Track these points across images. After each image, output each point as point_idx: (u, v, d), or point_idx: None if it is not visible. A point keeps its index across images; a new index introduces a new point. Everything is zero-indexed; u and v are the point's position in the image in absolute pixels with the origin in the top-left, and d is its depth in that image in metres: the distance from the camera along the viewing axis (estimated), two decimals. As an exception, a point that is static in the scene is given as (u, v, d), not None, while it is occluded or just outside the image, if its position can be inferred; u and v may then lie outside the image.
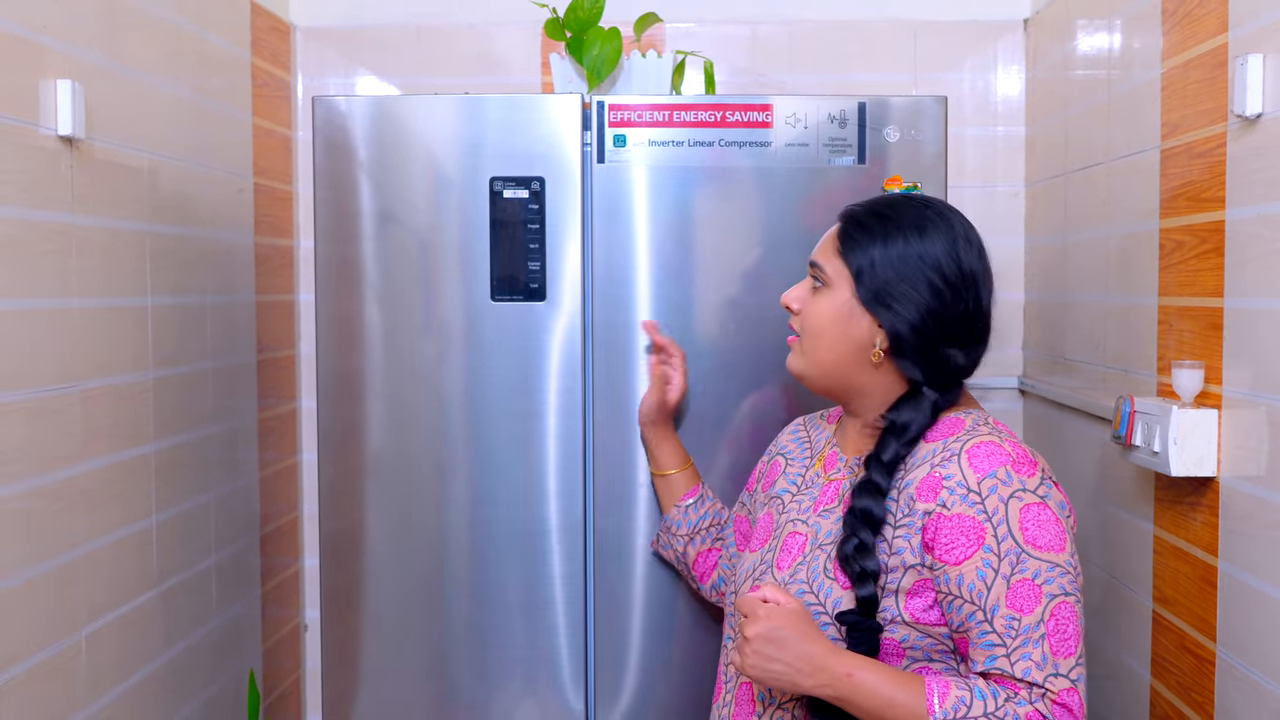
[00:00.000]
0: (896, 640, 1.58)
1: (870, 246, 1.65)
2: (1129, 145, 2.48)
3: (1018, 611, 1.49)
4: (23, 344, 1.98)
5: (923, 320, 1.62)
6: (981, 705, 1.47)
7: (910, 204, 1.70)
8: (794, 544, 1.69)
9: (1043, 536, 1.52)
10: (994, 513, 1.52)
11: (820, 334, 1.68)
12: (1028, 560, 1.50)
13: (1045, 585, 1.50)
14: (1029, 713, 1.46)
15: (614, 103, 2.32)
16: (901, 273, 1.63)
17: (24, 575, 1.99)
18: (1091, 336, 2.70)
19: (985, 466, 1.55)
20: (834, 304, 1.67)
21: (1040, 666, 1.47)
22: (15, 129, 1.96)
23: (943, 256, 1.64)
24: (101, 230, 2.23)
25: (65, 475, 2.11)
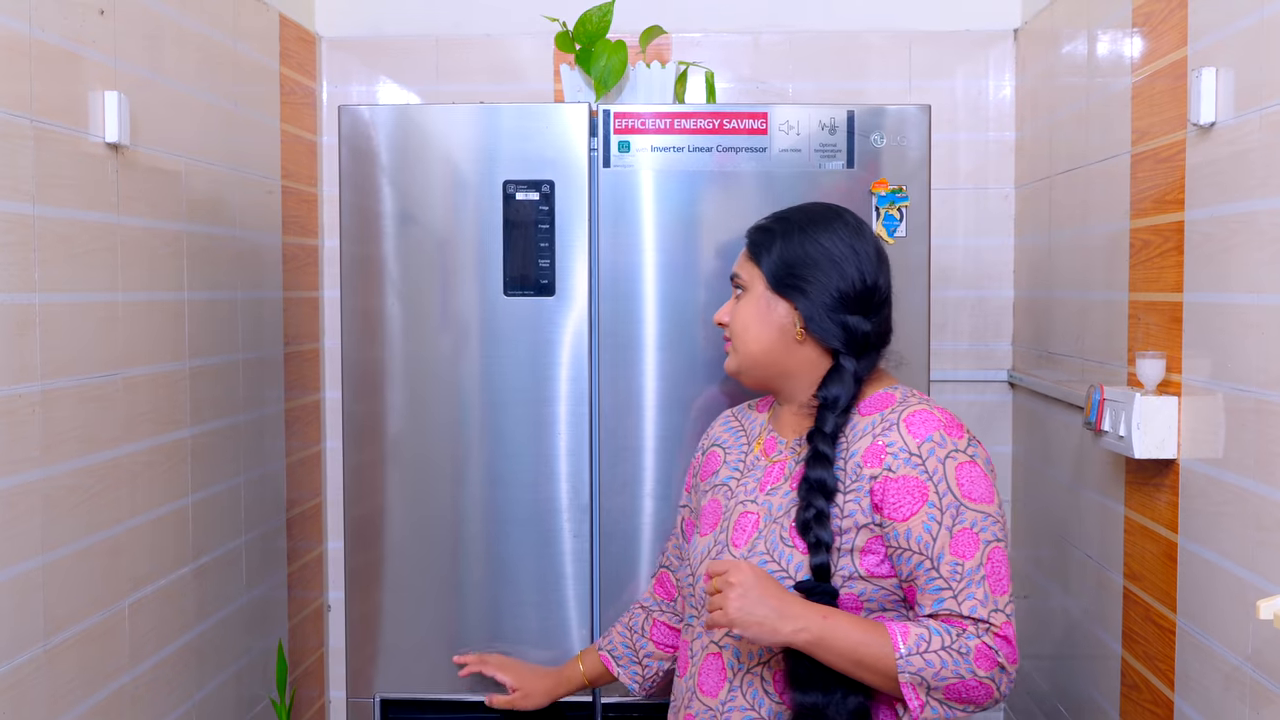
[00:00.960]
0: (855, 594, 1.76)
1: (773, 245, 1.90)
2: (1105, 150, 2.63)
3: (960, 557, 1.70)
4: (74, 334, 2.16)
5: (829, 295, 1.85)
6: (939, 640, 1.67)
7: (804, 206, 1.97)
8: (747, 523, 1.86)
9: (976, 490, 1.74)
10: (934, 472, 1.73)
11: (747, 329, 1.90)
12: (965, 512, 1.72)
13: (981, 533, 1.71)
14: (978, 644, 1.67)
15: (619, 111, 2.48)
16: (802, 258, 1.87)
17: (75, 546, 2.16)
18: (1072, 331, 2.86)
19: (922, 432, 1.76)
20: (754, 302, 1.90)
21: (984, 604, 1.69)
22: (67, 137, 2.14)
23: (835, 240, 1.87)
24: (143, 230, 2.40)
25: (110, 456, 2.29)
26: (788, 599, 1.71)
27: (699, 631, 1.90)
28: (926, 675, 1.66)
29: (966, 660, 1.66)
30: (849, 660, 1.70)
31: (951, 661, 1.66)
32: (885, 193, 2.49)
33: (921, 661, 1.66)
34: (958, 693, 1.66)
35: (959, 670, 1.66)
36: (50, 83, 2.09)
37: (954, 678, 1.66)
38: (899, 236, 2.49)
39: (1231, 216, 2.02)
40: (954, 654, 1.66)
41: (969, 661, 1.66)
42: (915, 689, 1.66)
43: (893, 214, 2.49)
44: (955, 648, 1.67)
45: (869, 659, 1.69)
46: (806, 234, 1.88)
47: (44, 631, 2.07)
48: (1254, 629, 1.94)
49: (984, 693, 1.67)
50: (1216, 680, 2.08)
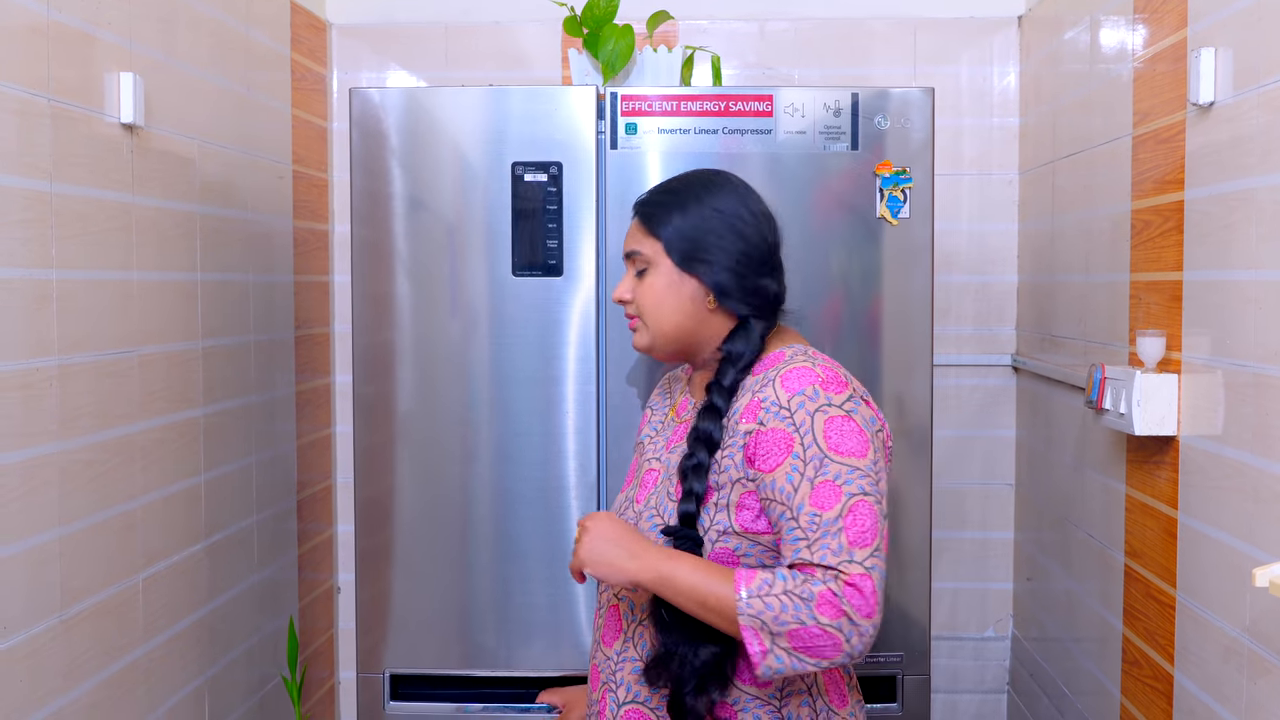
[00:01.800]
0: (730, 549, 1.77)
1: (670, 218, 1.85)
2: (1107, 133, 2.66)
3: (819, 508, 1.66)
4: (90, 310, 2.19)
5: (735, 263, 1.83)
6: (782, 584, 1.63)
7: (690, 175, 1.93)
8: (649, 480, 1.90)
9: (845, 444, 1.69)
10: (801, 424, 1.71)
11: (659, 308, 1.86)
12: (829, 464, 1.68)
13: (845, 485, 1.66)
14: (822, 590, 1.61)
15: (626, 93, 2.51)
16: (705, 229, 1.84)
17: (91, 520, 2.20)
18: (1075, 313, 2.88)
19: (795, 386, 1.75)
20: (660, 279, 1.86)
21: (836, 554, 1.63)
22: (83, 117, 2.18)
23: (731, 204, 1.86)
24: (156, 210, 2.44)
25: (125, 432, 2.32)
26: (641, 543, 1.74)
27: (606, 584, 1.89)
28: (766, 619, 1.61)
29: (808, 606, 1.60)
30: (694, 601, 1.69)
31: (793, 606, 1.61)
32: (889, 174, 2.51)
33: (761, 604, 1.62)
34: (801, 640, 1.61)
35: (800, 616, 1.60)
36: (67, 63, 2.12)
37: (795, 623, 1.60)
38: (902, 218, 2.52)
39: (1230, 194, 2.04)
40: (795, 598, 1.61)
41: (810, 607, 1.60)
42: (756, 633, 1.62)
43: (896, 195, 2.52)
44: (798, 592, 1.62)
45: (713, 600, 1.67)
46: (703, 202, 1.85)
47: (61, 602, 2.11)
48: (1251, 600, 1.97)
49: (829, 643, 1.60)
50: (1215, 652, 2.11)
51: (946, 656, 3.49)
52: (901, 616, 2.55)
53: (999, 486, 3.48)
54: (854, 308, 2.55)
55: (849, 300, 2.54)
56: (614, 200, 2.51)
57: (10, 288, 1.96)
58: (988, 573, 3.49)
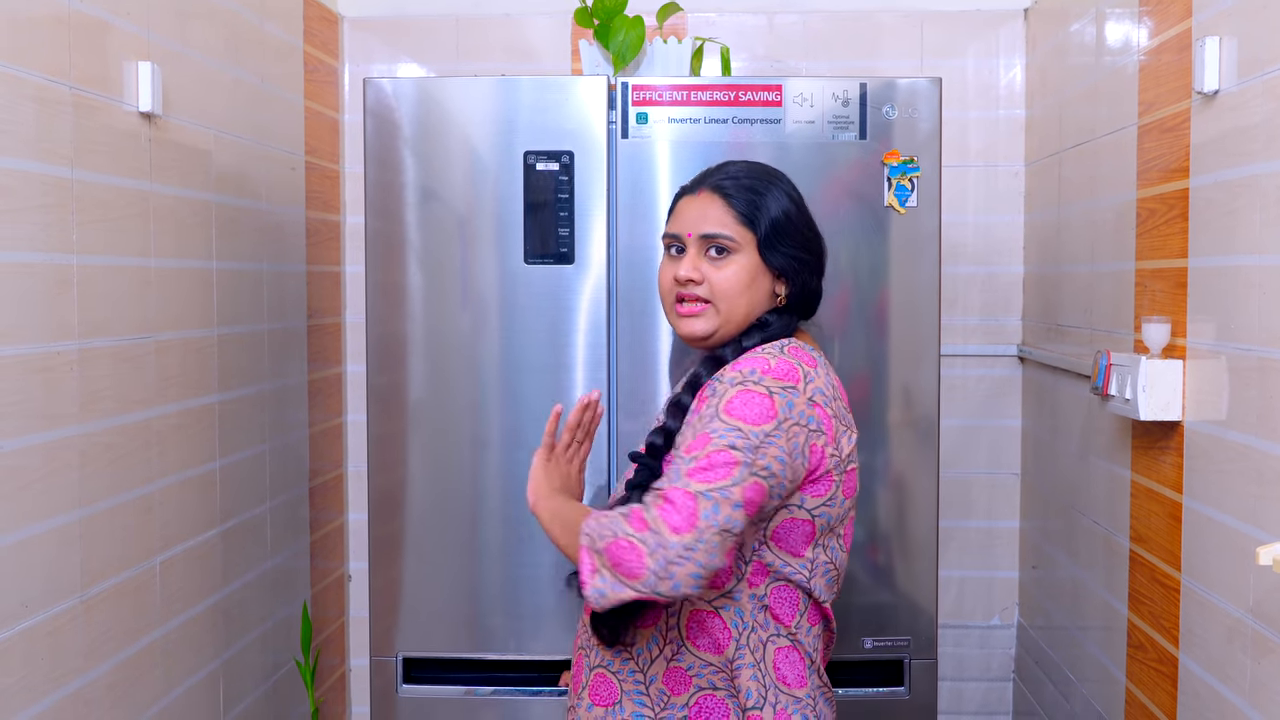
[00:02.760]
0: None
1: (762, 208, 1.87)
2: (1112, 123, 2.69)
3: (685, 453, 1.67)
4: (110, 296, 2.23)
5: (805, 262, 1.90)
6: (620, 509, 1.66)
7: (758, 166, 1.94)
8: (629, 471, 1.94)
9: (745, 411, 1.69)
10: (719, 393, 1.75)
11: (736, 295, 1.85)
12: (715, 422, 1.69)
13: (717, 437, 1.66)
14: (636, 506, 1.64)
15: (637, 83, 2.54)
16: (791, 227, 1.88)
17: (110, 502, 2.23)
18: (1081, 303, 2.91)
19: (737, 367, 1.80)
20: (744, 267, 1.86)
21: (670, 480, 1.64)
22: (104, 105, 2.21)
23: (800, 208, 1.91)
24: (173, 198, 2.47)
25: (142, 417, 2.36)
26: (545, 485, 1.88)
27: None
28: (593, 535, 1.63)
29: (624, 520, 1.61)
30: (558, 526, 1.79)
31: (610, 522, 1.62)
32: (897, 163, 2.54)
33: (595, 524, 1.65)
34: (613, 556, 1.59)
35: (615, 529, 1.61)
36: (87, 51, 2.16)
37: (610, 536, 1.60)
38: (910, 206, 2.55)
39: (1235, 181, 2.07)
40: (616, 517, 1.63)
41: (623, 521, 1.61)
42: (586, 551, 1.64)
43: (904, 184, 2.55)
44: (620, 512, 1.65)
45: (570, 525, 1.74)
46: (786, 199, 1.89)
47: (81, 583, 2.14)
48: (1255, 580, 2.00)
49: (634, 556, 1.57)
50: (1219, 634, 2.13)
51: (953, 645, 3.52)
52: (909, 604, 2.58)
53: (1005, 476, 3.51)
54: (861, 297, 2.58)
55: (856, 290, 2.57)
56: (625, 189, 2.54)
57: (32, 272, 1.99)
58: (994, 561, 3.51)
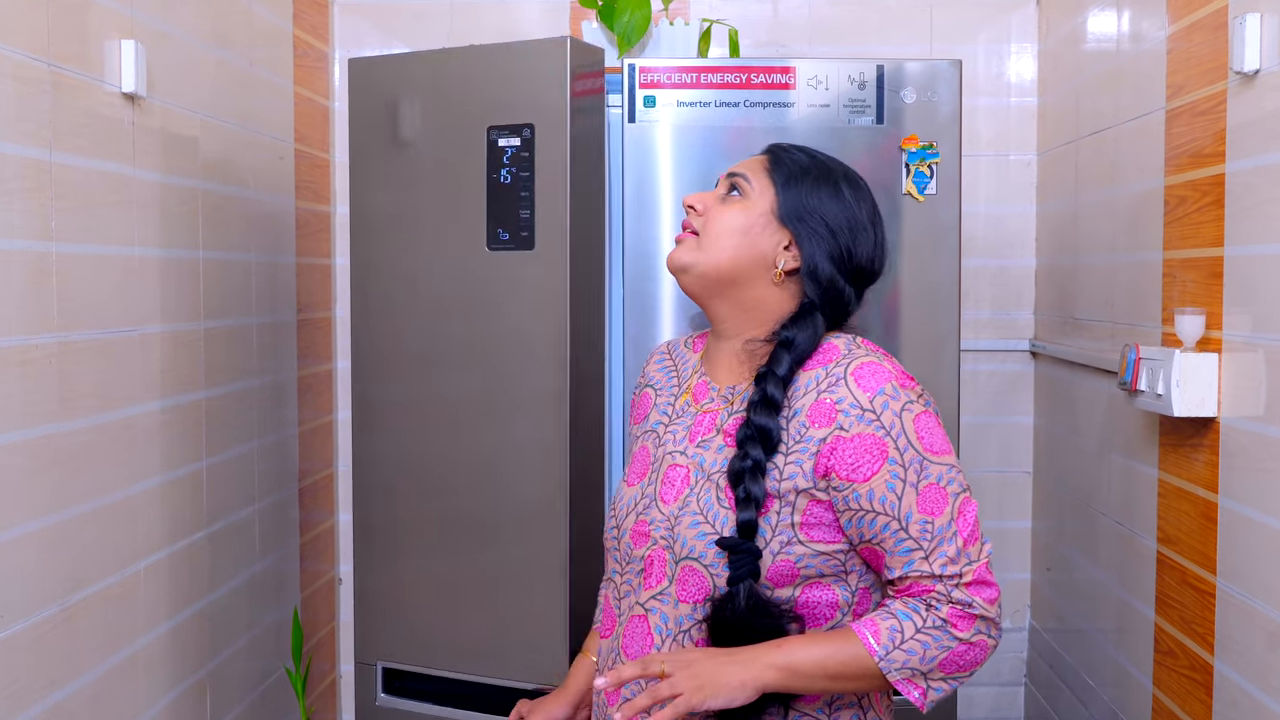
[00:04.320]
0: (791, 560, 1.62)
1: (802, 177, 1.71)
2: (1136, 109, 2.59)
3: (930, 515, 1.58)
4: (91, 287, 2.11)
5: (836, 252, 1.69)
6: (911, 624, 1.56)
7: (840, 162, 1.78)
8: (676, 476, 1.71)
9: (936, 442, 1.61)
10: (891, 427, 1.59)
11: (723, 236, 1.70)
12: (929, 466, 1.59)
13: (948, 486, 1.59)
14: (949, 610, 1.56)
15: (644, 65, 2.43)
16: (828, 207, 1.70)
17: (91, 504, 2.11)
18: (1101, 295, 2.81)
19: (873, 385, 1.61)
20: (749, 213, 1.70)
21: (955, 560, 1.57)
22: (84, 84, 2.09)
23: (860, 207, 1.72)
24: (158, 184, 2.35)
25: (126, 414, 2.23)
26: (732, 651, 1.59)
27: (625, 590, 1.74)
28: (915, 665, 1.56)
29: (946, 632, 1.56)
30: (825, 676, 1.58)
31: (933, 640, 1.56)
32: (915, 149, 2.44)
33: (903, 655, 1.56)
34: (953, 664, 1.57)
35: (942, 643, 1.56)
36: (68, 27, 2.04)
37: (941, 653, 1.56)
38: (929, 194, 2.45)
39: (1276, 166, 1.97)
40: (931, 633, 1.56)
41: (948, 632, 1.56)
42: (911, 682, 1.57)
43: (923, 170, 2.45)
44: (930, 626, 1.57)
45: (845, 670, 1.58)
46: (842, 189, 1.71)
47: (62, 590, 2.02)
48: (1302, 585, 1.90)
49: (977, 651, 1.58)
50: (1259, 640, 2.03)
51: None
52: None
53: (1016, 474, 3.41)
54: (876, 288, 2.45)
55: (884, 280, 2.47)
56: (632, 175, 2.43)
57: (7, 260, 1.87)
58: (1004, 563, 3.41)
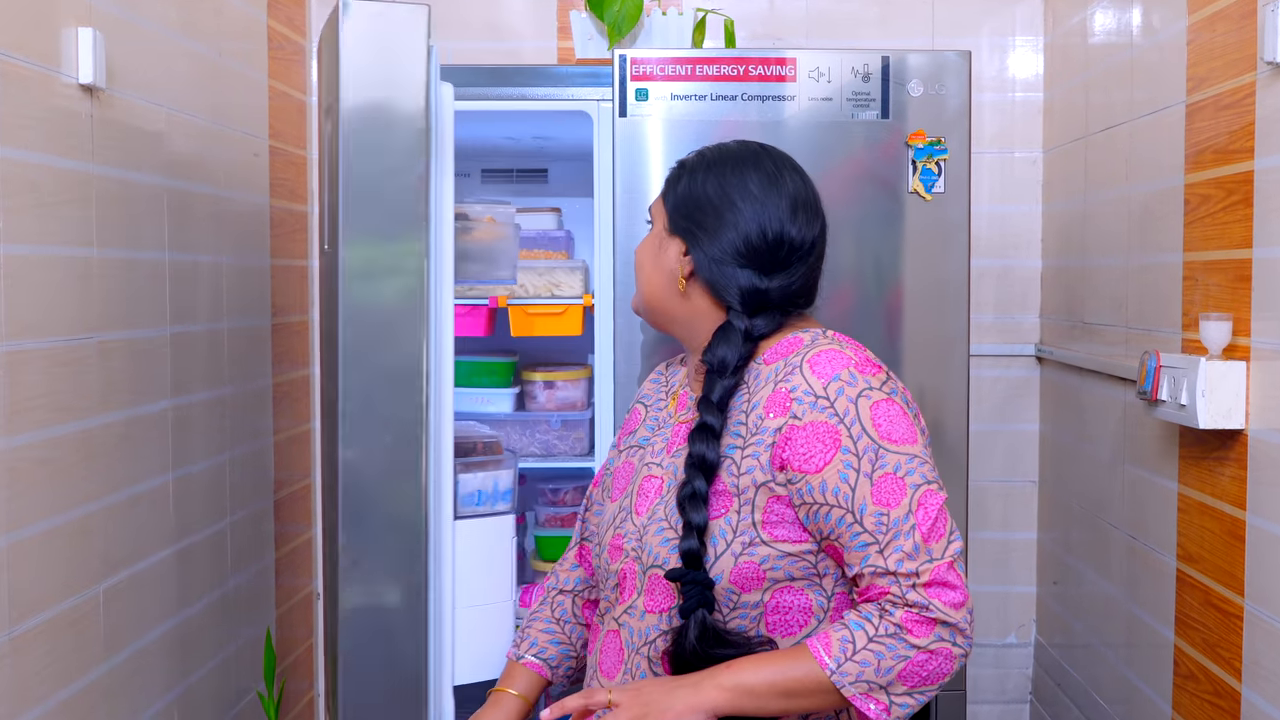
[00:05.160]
0: (756, 562, 1.55)
1: (679, 183, 1.69)
2: (1153, 103, 2.46)
3: (885, 506, 1.49)
4: (43, 291, 1.96)
5: (718, 242, 1.63)
6: (863, 633, 1.47)
7: (726, 144, 1.72)
8: (650, 488, 1.67)
9: (896, 430, 1.53)
10: (845, 414, 1.52)
11: (641, 267, 1.72)
12: (886, 455, 1.51)
13: (907, 477, 1.51)
14: (903, 615, 1.46)
15: (636, 56, 2.30)
16: (701, 198, 1.64)
17: (44, 525, 1.97)
18: (1113, 298, 2.69)
19: (828, 371, 1.55)
20: (651, 239, 1.71)
21: (913, 556, 1.48)
22: (39, 75, 1.95)
23: (742, 184, 1.64)
24: (120, 182, 2.21)
25: (83, 426, 2.09)
26: (680, 678, 1.54)
27: (606, 607, 1.70)
28: (869, 677, 1.46)
29: (901, 639, 1.46)
30: (778, 695, 1.49)
31: (888, 650, 1.46)
32: (923, 145, 2.32)
33: (856, 667, 1.46)
34: (915, 676, 1.46)
35: (899, 653, 1.46)
36: (19, 14, 1.89)
37: (899, 663, 1.46)
38: (936, 192, 2.32)
39: (1313, 162, 1.85)
40: (885, 641, 1.46)
41: (904, 640, 1.46)
42: (868, 696, 1.46)
43: (930, 168, 2.32)
44: (882, 634, 1.47)
45: (798, 687, 1.49)
46: (712, 173, 1.65)
47: (9, 618, 1.88)
48: (1343, 611, 1.77)
49: (940, 660, 1.46)
50: (1293, 668, 1.91)
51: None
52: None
53: (1021, 484, 3.28)
54: (881, 290, 2.36)
55: (877, 282, 2.35)
56: (623, 172, 2.30)
57: (-50, 263, 1.73)
58: (1009, 575, 3.29)
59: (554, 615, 1.87)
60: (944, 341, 2.37)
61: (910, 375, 2.35)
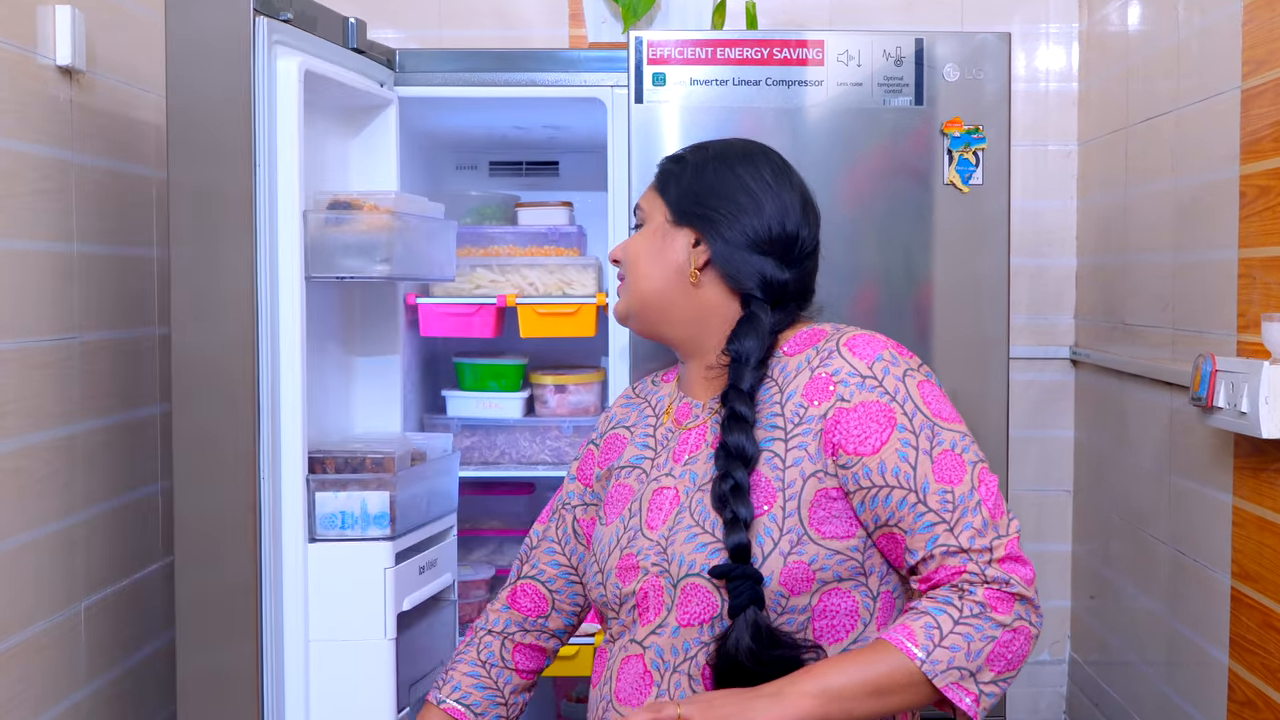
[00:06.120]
0: (805, 561, 1.47)
1: (682, 175, 1.62)
2: (1203, 90, 2.31)
3: (948, 484, 1.44)
4: (20, 289, 1.83)
5: (739, 231, 1.57)
6: (947, 617, 1.39)
7: (728, 140, 1.67)
8: (663, 500, 1.57)
9: (944, 409, 1.49)
10: (895, 392, 1.48)
11: (638, 262, 1.62)
12: (942, 432, 1.47)
13: (964, 454, 1.46)
14: (985, 592, 1.40)
15: (653, 38, 2.16)
16: (715, 188, 1.58)
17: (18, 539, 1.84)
18: (1157, 298, 2.54)
19: (870, 352, 1.50)
20: (650, 232, 1.63)
21: (983, 533, 1.42)
22: (12, 55, 1.82)
23: (756, 177, 1.59)
24: (103, 171, 2.08)
25: (63, 433, 1.97)
26: (756, 688, 1.42)
27: (619, 632, 1.59)
28: (960, 662, 1.38)
29: (987, 618, 1.38)
30: (868, 695, 1.39)
31: (975, 630, 1.38)
32: (959, 133, 2.17)
33: (947, 654, 1.37)
34: (1001, 659, 1.39)
35: (987, 633, 1.38)
36: (-13, -11, 1.77)
37: (987, 644, 1.38)
38: (974, 184, 2.18)
39: (1392, 148, 1.70)
40: (972, 622, 1.38)
41: (990, 618, 1.38)
42: (960, 685, 1.38)
43: (967, 158, 2.18)
44: (967, 615, 1.39)
45: (888, 683, 1.39)
46: (724, 165, 1.60)
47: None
48: None
49: (1022, 640, 1.40)
50: (1368, 699, 1.76)
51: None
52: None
53: (1055, 493, 3.13)
54: (911, 288, 2.22)
55: (907, 279, 2.21)
56: (639, 161, 2.16)
57: (-90, 257, 1.60)
58: (1043, 588, 3.07)
59: (480, 658, 1.72)
60: (980, 343, 2.23)
61: (951, 379, 2.20)
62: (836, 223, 2.17)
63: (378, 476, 1.97)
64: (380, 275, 1.99)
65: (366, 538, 1.95)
